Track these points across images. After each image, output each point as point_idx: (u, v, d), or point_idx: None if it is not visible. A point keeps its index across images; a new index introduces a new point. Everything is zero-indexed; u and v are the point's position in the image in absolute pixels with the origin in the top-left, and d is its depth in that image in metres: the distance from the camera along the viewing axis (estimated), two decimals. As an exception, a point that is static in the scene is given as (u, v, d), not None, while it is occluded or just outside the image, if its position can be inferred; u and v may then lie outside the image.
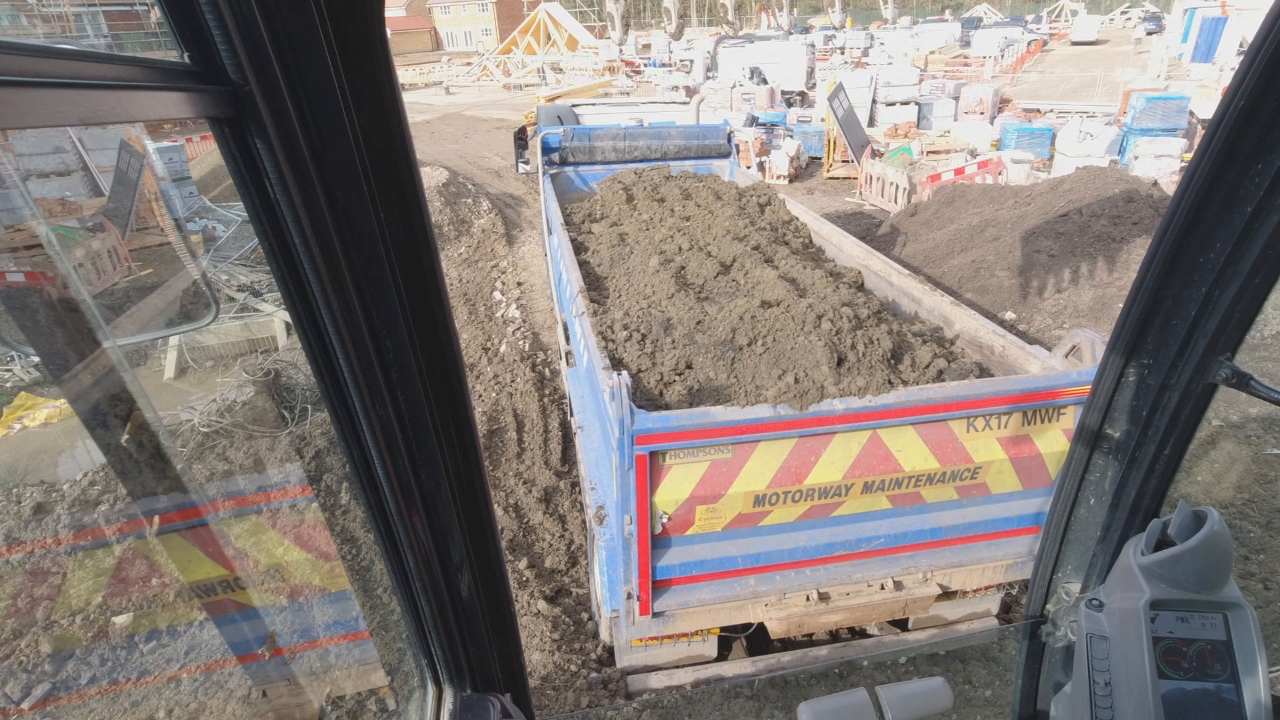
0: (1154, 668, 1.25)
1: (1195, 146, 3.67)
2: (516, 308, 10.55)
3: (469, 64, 48.49)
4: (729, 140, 8.85)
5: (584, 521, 5.88)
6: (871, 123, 20.00)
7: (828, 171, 16.85)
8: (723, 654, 4.30)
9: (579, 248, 6.25)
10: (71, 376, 0.99)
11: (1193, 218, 1.19)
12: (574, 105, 12.82)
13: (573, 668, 4.67)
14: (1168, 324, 1.30)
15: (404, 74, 45.87)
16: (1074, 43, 42.24)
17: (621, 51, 41.96)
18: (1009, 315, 8.88)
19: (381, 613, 4.94)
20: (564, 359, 4.64)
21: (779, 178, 16.67)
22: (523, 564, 5.60)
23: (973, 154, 15.51)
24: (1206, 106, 15.93)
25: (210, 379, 8.87)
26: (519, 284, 11.56)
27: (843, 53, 35.49)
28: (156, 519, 1.10)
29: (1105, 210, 9.69)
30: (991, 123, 18.28)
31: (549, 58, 43.49)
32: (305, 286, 0.93)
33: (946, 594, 4.03)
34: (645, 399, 3.67)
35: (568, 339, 4.74)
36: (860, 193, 15.22)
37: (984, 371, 3.97)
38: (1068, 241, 9.40)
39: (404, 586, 1.27)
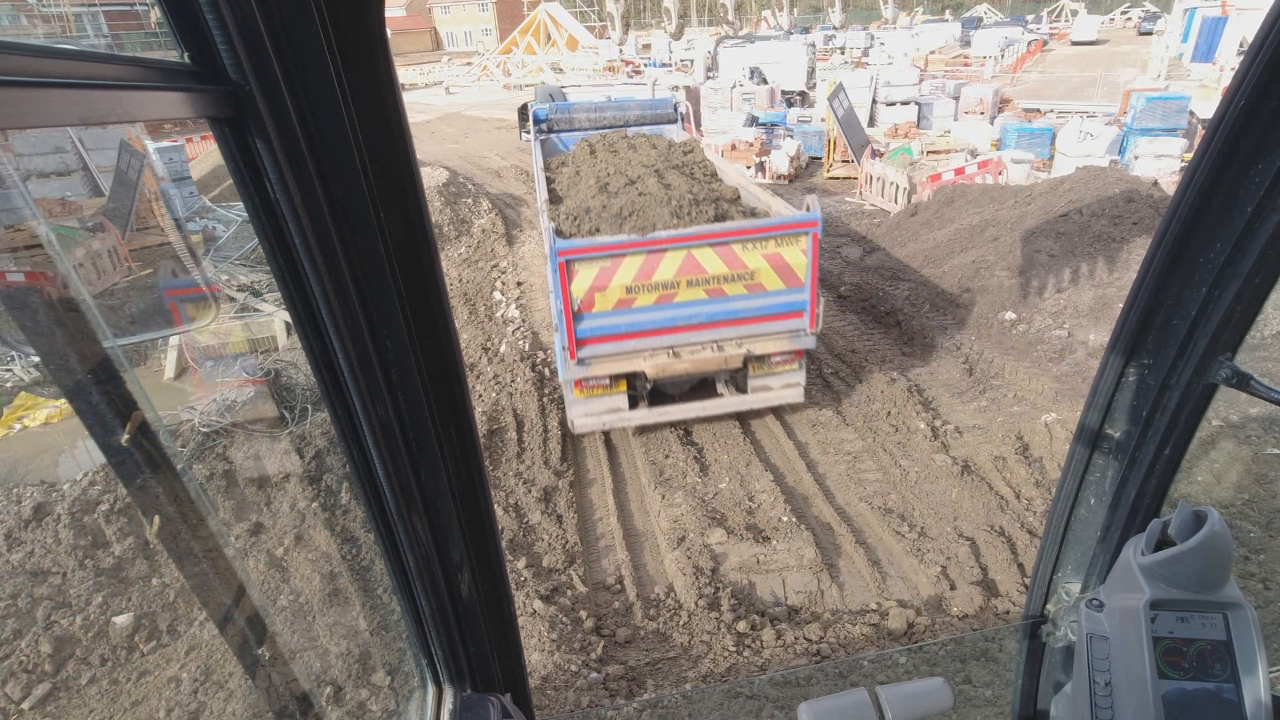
0: (1154, 668, 1.25)
1: (1195, 146, 3.68)
2: (516, 308, 10.54)
3: (469, 64, 48.45)
4: (675, 110, 11.30)
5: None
6: (871, 123, 19.99)
7: (828, 171, 16.84)
8: (633, 407, 6.79)
9: (550, 181, 8.73)
10: (71, 377, 0.99)
11: (1193, 218, 1.19)
12: (563, 87, 16.74)
13: (573, 668, 4.67)
14: (1168, 324, 1.29)
15: (404, 74, 45.84)
16: (1074, 43, 42.17)
17: (621, 51, 41.91)
18: (1009, 315, 8.87)
19: (381, 613, 4.94)
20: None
21: (779, 178, 16.65)
22: (521, 563, 5.59)
23: (973, 154, 15.49)
24: (1206, 106, 15.92)
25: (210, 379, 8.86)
26: (519, 284, 11.56)
27: (843, 53, 35.47)
28: (156, 519, 1.10)
29: (1105, 210, 9.68)
30: (992, 123, 18.26)
31: (549, 58, 43.47)
32: (305, 286, 0.92)
33: (757, 359, 6.52)
34: None
35: None
36: (860, 193, 15.21)
37: None
38: (1068, 241, 9.40)
39: (404, 586, 1.27)
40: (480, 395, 8.10)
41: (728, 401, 6.91)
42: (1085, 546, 1.58)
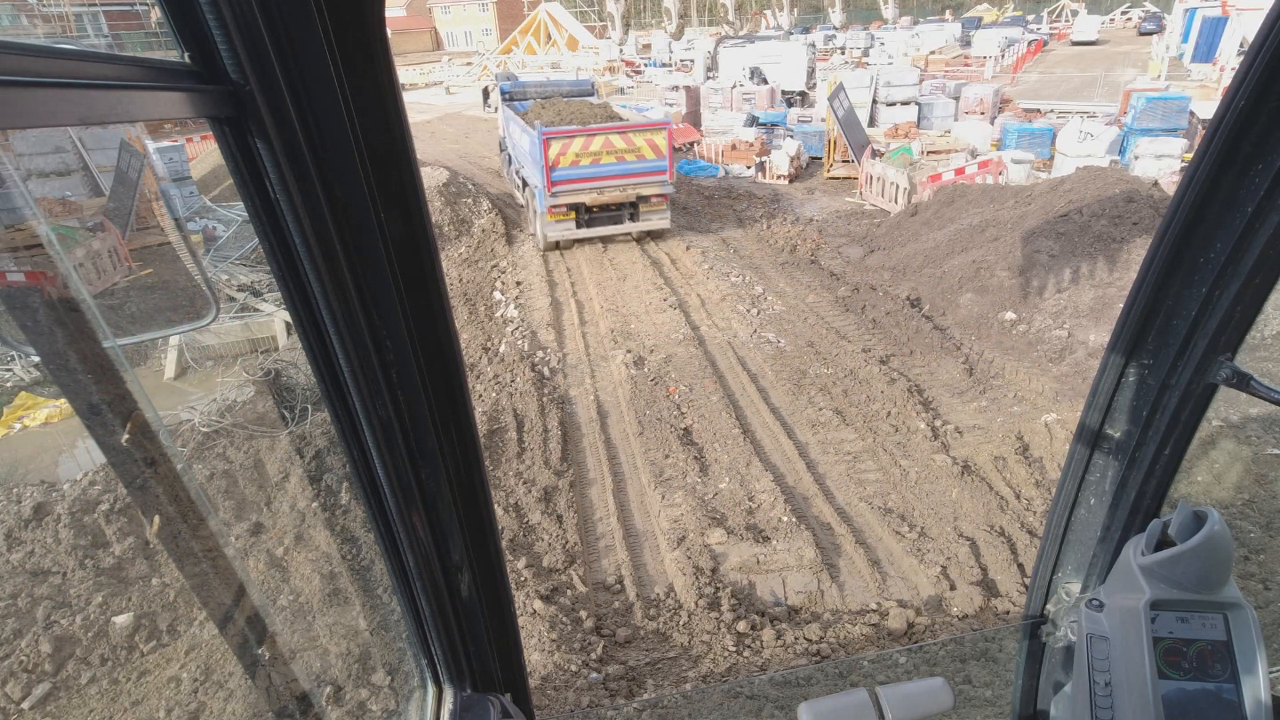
0: (1154, 668, 1.25)
1: (1195, 146, 3.68)
2: (515, 307, 10.55)
3: (469, 64, 48.46)
4: (592, 86, 16.72)
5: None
6: (872, 123, 19.98)
7: (828, 171, 16.84)
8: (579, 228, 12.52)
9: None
10: (71, 376, 0.99)
11: (1193, 218, 1.19)
12: (517, 72, 26.88)
13: (573, 668, 4.67)
14: (1168, 324, 1.29)
15: (404, 74, 45.80)
16: (1074, 43, 42.18)
17: (622, 51, 41.92)
18: (1009, 315, 8.87)
19: (381, 613, 4.94)
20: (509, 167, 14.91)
21: (779, 178, 16.65)
22: (521, 563, 5.59)
23: (973, 154, 15.48)
24: (1206, 106, 15.92)
25: (210, 379, 8.87)
26: (518, 283, 11.56)
27: (843, 53, 35.48)
28: (156, 519, 1.10)
29: (1105, 210, 9.68)
30: (992, 123, 18.26)
31: (549, 57, 43.47)
32: (305, 286, 0.92)
33: (644, 198, 12.37)
34: None
35: (506, 151, 16.27)
36: (860, 193, 15.21)
37: None
38: (1068, 241, 9.40)
39: (404, 586, 1.27)
40: (480, 395, 8.10)
41: (629, 225, 12.58)
42: (1085, 546, 1.57)
